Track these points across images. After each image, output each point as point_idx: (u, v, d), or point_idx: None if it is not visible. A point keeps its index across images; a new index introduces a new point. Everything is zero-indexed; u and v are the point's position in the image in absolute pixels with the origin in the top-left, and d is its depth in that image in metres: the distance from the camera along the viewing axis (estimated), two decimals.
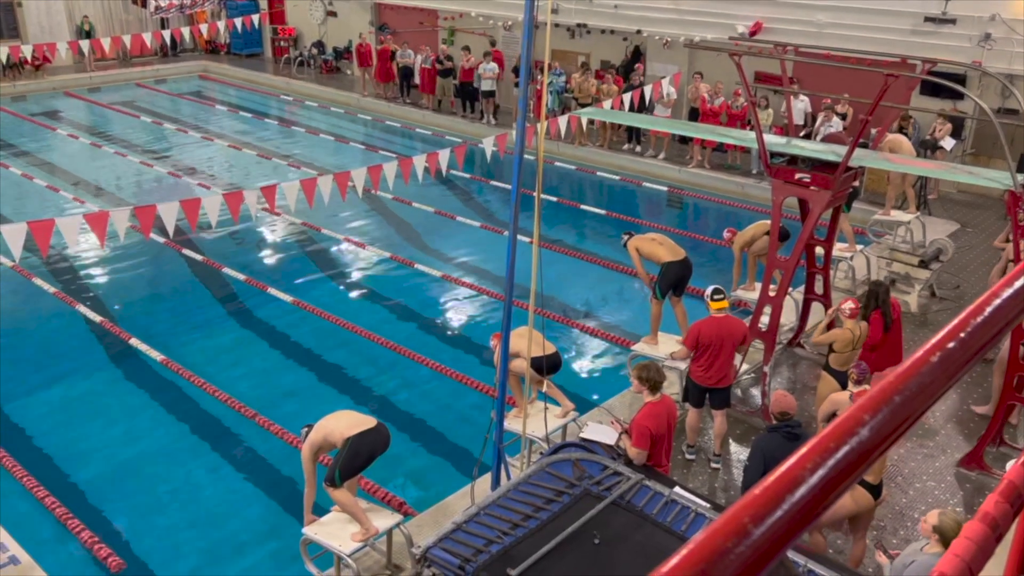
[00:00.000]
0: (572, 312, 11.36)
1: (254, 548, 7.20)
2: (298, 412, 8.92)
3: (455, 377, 9.64)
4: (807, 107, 16.41)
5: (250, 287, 12.10)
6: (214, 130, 21.05)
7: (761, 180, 15.62)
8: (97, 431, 8.68)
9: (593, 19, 19.67)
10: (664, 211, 16.47)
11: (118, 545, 7.00)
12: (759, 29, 16.93)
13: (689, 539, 0.73)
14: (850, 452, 0.83)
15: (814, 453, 0.81)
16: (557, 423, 7.55)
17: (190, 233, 13.24)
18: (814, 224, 8.46)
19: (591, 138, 18.99)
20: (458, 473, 7.92)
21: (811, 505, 0.78)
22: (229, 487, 7.97)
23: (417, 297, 11.92)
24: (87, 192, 16.32)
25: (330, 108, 23.16)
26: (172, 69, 27.21)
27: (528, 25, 5.50)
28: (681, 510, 5.30)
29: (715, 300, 7.83)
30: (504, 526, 5.18)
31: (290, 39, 27.40)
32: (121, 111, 22.68)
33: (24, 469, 7.82)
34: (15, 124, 21.14)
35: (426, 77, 21.57)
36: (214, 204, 9.35)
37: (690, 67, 18.24)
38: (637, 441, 6.11)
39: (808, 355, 9.91)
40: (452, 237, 14.23)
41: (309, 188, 10.08)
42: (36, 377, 9.72)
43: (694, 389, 7.91)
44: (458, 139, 18.58)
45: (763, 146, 8.39)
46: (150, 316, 11.28)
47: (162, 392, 9.42)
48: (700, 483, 7.68)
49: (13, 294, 11.88)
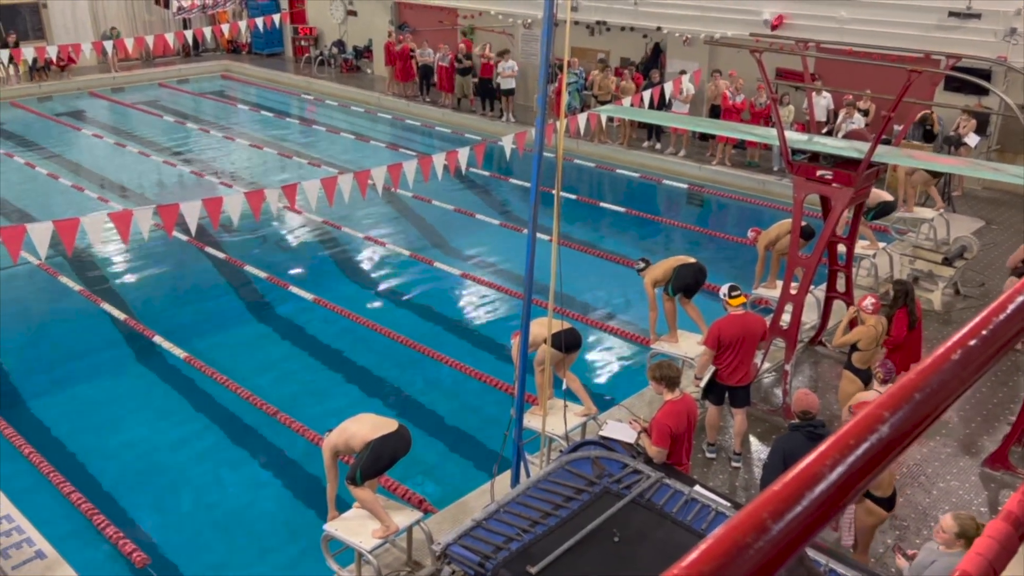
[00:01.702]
0: (591, 310, 11.34)
1: (275, 544, 7.26)
2: (319, 409, 8.99)
3: (474, 375, 9.66)
4: (829, 104, 16.28)
5: (271, 285, 12.19)
6: (236, 129, 21.20)
7: (782, 177, 15.53)
8: (121, 428, 8.78)
9: (613, 16, 19.62)
10: (684, 208, 16.41)
11: (142, 541, 7.08)
12: (781, 23, 16.81)
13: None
14: (870, 449, 0.83)
15: (834, 450, 0.82)
16: (576, 421, 7.55)
17: (212, 232, 13.35)
18: (836, 221, 8.40)
19: (610, 136, 18.95)
20: (478, 470, 7.95)
21: (830, 502, 0.78)
22: (251, 484, 8.04)
23: (436, 295, 11.96)
24: (111, 191, 16.49)
25: (350, 107, 23.26)
26: (194, 69, 27.42)
27: (547, 23, 5.50)
28: (701, 509, 5.28)
29: (733, 297, 7.78)
30: (524, 523, 5.19)
31: (311, 38, 27.53)
32: (144, 111, 22.90)
33: (50, 465, 7.92)
34: (41, 124, 21.41)
35: (445, 75, 21.61)
36: (236, 203, 9.42)
37: (710, 64, 18.14)
38: (657, 439, 6.10)
39: (830, 353, 9.83)
40: (471, 235, 14.25)
41: (330, 187, 10.13)
42: (61, 374, 9.84)
43: (715, 387, 7.87)
44: (477, 137, 18.58)
45: (784, 143, 8.34)
46: (173, 314, 11.39)
47: (185, 389, 9.51)
48: (720, 482, 7.66)
49: (39, 292, 12.04)
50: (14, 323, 11.18)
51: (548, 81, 5.83)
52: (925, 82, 10.64)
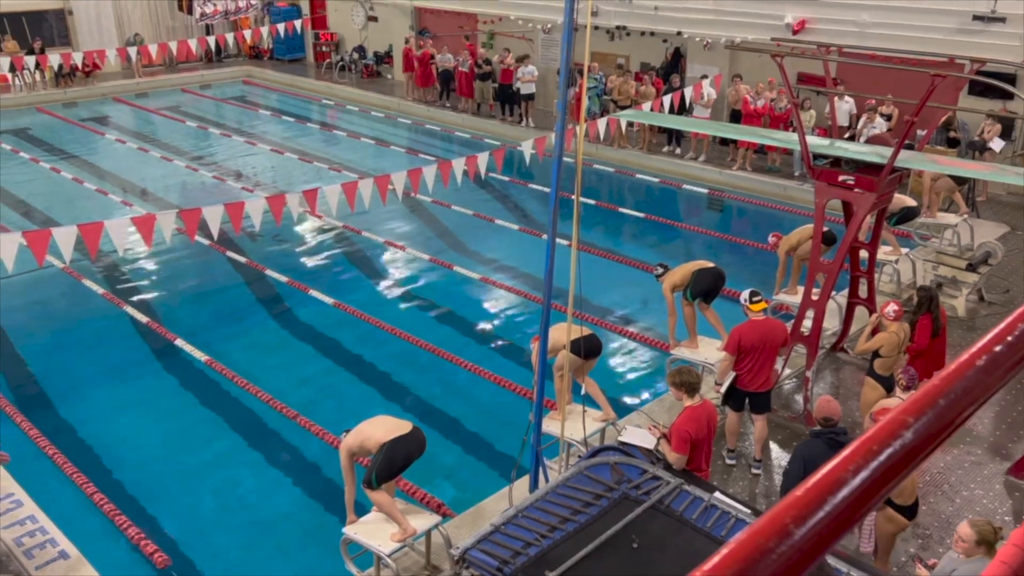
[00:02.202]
0: (611, 315, 11.32)
1: (295, 547, 7.29)
2: (338, 413, 9.02)
3: (493, 379, 9.66)
4: (852, 108, 16.17)
5: (292, 289, 12.26)
6: (257, 134, 21.37)
7: (804, 182, 15.43)
8: (143, 429, 8.86)
9: (633, 21, 19.60)
10: (704, 213, 16.34)
11: (163, 542, 7.14)
12: (803, 27, 16.73)
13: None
14: (893, 455, 0.82)
15: (857, 455, 0.81)
16: (595, 426, 7.53)
17: (234, 236, 13.45)
18: (858, 227, 8.34)
19: (630, 140, 18.92)
20: (496, 475, 7.94)
21: (853, 507, 0.78)
22: (271, 486, 8.08)
23: (456, 299, 11.98)
24: (134, 196, 16.67)
25: (371, 112, 23.38)
26: (216, 74, 27.67)
27: (568, 28, 5.51)
28: (721, 515, 5.25)
29: (754, 303, 7.74)
30: (542, 529, 5.18)
31: (332, 44, 27.71)
32: (167, 116, 23.13)
33: (74, 466, 8.01)
34: (66, 129, 21.68)
35: (464, 81, 21.67)
36: (257, 207, 9.49)
37: (731, 69, 18.08)
38: (676, 446, 6.07)
39: (852, 360, 9.75)
40: (490, 240, 14.27)
41: (350, 191, 10.19)
42: (85, 376, 9.95)
43: (735, 393, 7.83)
44: (497, 142, 18.63)
45: (805, 147, 8.29)
46: (195, 317, 11.49)
47: (206, 392, 9.59)
48: (740, 488, 7.61)
49: (63, 295, 12.19)
50: (39, 325, 11.32)
51: (568, 86, 5.83)
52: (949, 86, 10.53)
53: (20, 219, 14.97)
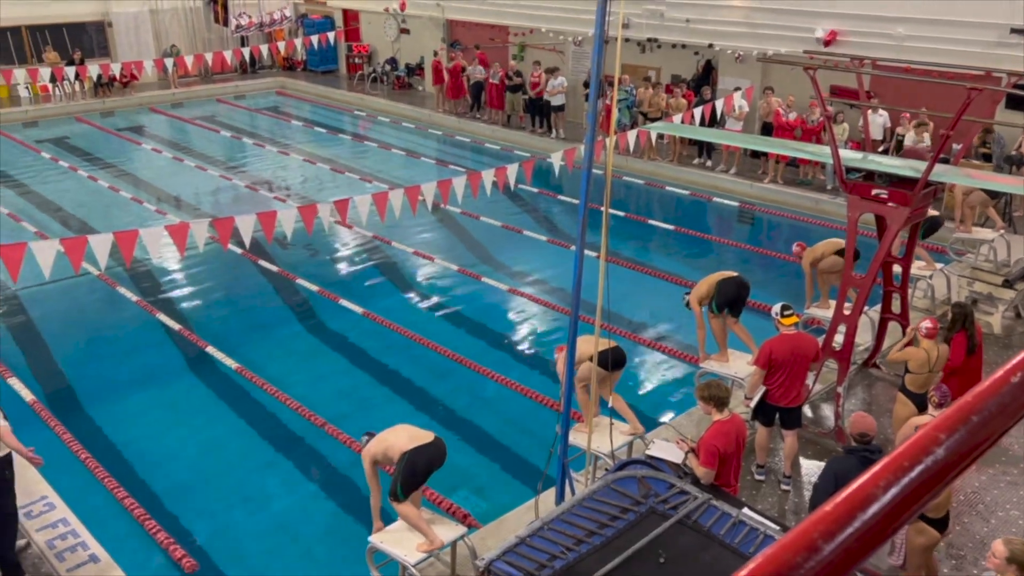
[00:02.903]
0: (639, 328, 11.27)
1: (321, 554, 7.32)
2: (366, 422, 9.04)
3: (521, 391, 9.65)
4: (886, 122, 16.00)
5: (322, 298, 12.36)
6: (290, 145, 21.61)
7: (836, 196, 15.29)
8: (174, 434, 8.96)
9: (664, 34, 19.58)
10: (735, 227, 16.24)
11: (191, 546, 7.20)
12: (834, 38, 16.61)
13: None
14: (924, 472, 0.81)
15: (887, 471, 0.80)
16: (623, 440, 7.49)
17: (266, 244, 13.60)
18: (891, 241, 8.24)
19: (661, 153, 18.87)
20: (522, 486, 7.92)
21: (883, 524, 0.76)
22: (298, 493, 8.13)
23: (484, 310, 12.00)
24: (168, 204, 16.91)
25: (402, 123, 23.55)
26: (251, 85, 28.06)
27: (598, 40, 5.52)
28: (749, 531, 5.19)
29: (785, 316, 7.66)
30: (568, 541, 5.15)
31: (364, 56, 27.99)
32: (202, 126, 23.47)
33: (105, 470, 8.12)
34: (104, 139, 22.08)
35: (495, 92, 21.77)
36: (289, 217, 9.59)
37: (763, 81, 17.98)
38: (705, 460, 6.02)
39: (884, 376, 9.62)
40: (519, 251, 14.29)
41: (381, 202, 10.26)
42: (117, 381, 10.09)
43: (765, 408, 7.75)
44: (527, 154, 18.67)
45: (838, 161, 8.22)
46: (226, 324, 11.61)
47: (236, 399, 9.68)
48: (769, 505, 7.52)
49: (98, 302, 12.38)
50: (74, 331, 11.51)
51: (598, 98, 5.83)
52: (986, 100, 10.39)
53: (58, 226, 15.26)
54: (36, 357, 10.80)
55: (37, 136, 22.00)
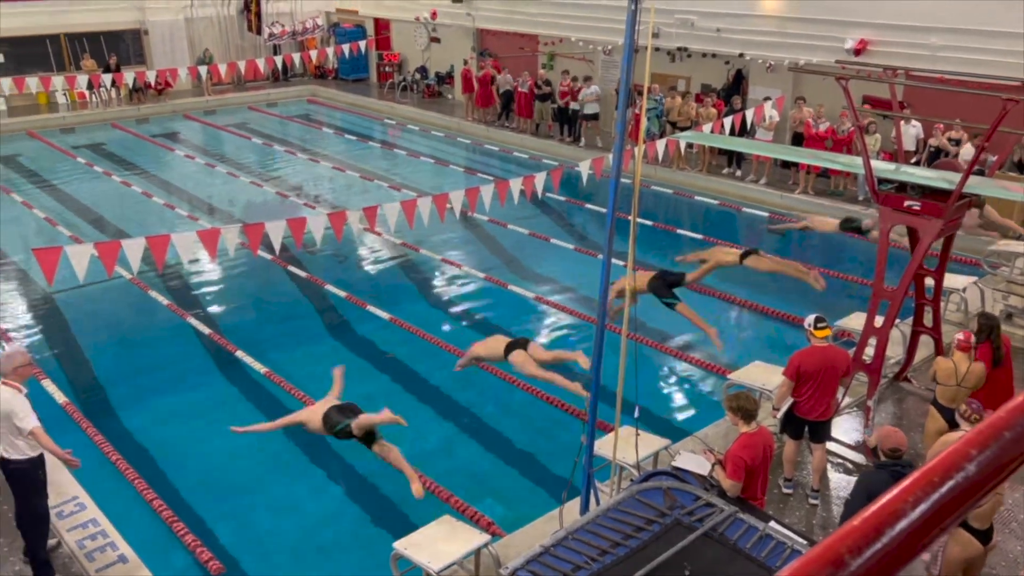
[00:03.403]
0: (666, 338, 11.21)
1: (346, 559, 7.35)
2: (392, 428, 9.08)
3: (546, 399, 9.64)
4: (919, 132, 15.81)
5: (350, 304, 12.44)
6: (320, 152, 21.80)
7: (868, 207, 15.12)
8: (202, 438, 9.04)
9: (695, 43, 19.52)
10: (764, 237, 16.10)
11: (218, 549, 7.26)
12: (864, 47, 16.46)
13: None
14: (955, 487, 0.80)
15: (917, 487, 0.79)
16: (648, 450, 7.45)
17: (295, 251, 13.72)
18: (924, 253, 8.14)
19: (690, 162, 18.79)
20: (547, 496, 7.90)
21: (912, 540, 0.75)
22: (324, 498, 8.17)
23: (510, 318, 12.00)
24: (200, 210, 17.12)
25: (431, 131, 23.68)
26: (282, 93, 28.36)
27: (628, 49, 5.51)
28: (776, 545, 5.13)
29: (819, 328, 7.55)
30: (592, 552, 5.12)
31: (394, 64, 28.19)
32: (234, 133, 23.76)
33: (135, 472, 8.22)
34: (138, 145, 22.43)
35: (524, 101, 21.82)
36: (319, 223, 9.67)
37: (794, 91, 17.86)
38: (732, 473, 5.97)
39: (916, 390, 9.49)
40: (546, 259, 14.28)
41: (409, 209, 10.31)
42: (148, 384, 10.21)
43: (794, 421, 7.66)
44: (555, 162, 18.68)
45: (870, 172, 8.13)
46: (255, 329, 11.72)
47: (265, 403, 9.75)
48: (797, 519, 7.44)
49: (130, 306, 12.55)
50: (106, 334, 11.68)
51: (627, 107, 5.82)
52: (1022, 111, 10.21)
53: (92, 230, 15.51)
54: (69, 359, 10.97)
55: (74, 142, 22.40)
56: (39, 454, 6.53)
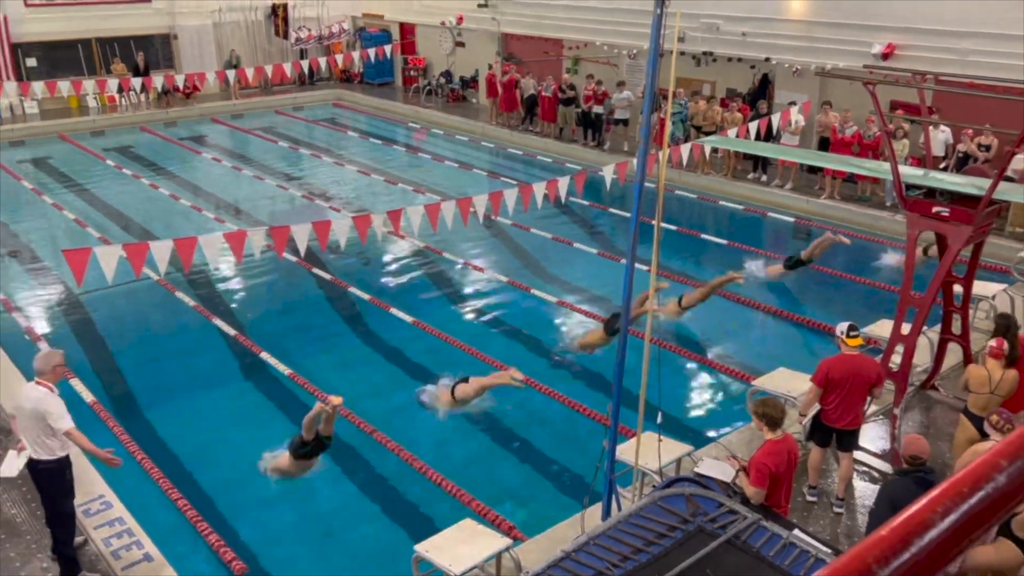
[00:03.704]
0: (689, 344, 11.15)
1: (367, 560, 7.37)
2: (413, 429, 9.13)
3: (568, 404, 9.62)
4: (947, 138, 15.63)
5: (374, 306, 12.49)
6: (345, 156, 21.93)
7: (895, 213, 14.97)
8: (226, 438, 9.11)
9: (720, 47, 19.43)
10: (790, 242, 15.99)
11: (241, 549, 7.31)
12: (892, 51, 16.30)
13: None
14: (985, 498, 0.79)
15: (945, 497, 0.78)
16: (671, 456, 7.41)
17: (320, 253, 13.80)
18: (952, 260, 8.03)
19: (715, 167, 18.70)
20: (569, 500, 7.89)
21: (940, 550, 0.74)
22: (346, 500, 8.20)
23: (533, 322, 11.99)
24: (227, 212, 17.28)
25: (455, 136, 23.74)
26: (308, 97, 28.57)
27: (653, 54, 5.50)
28: (800, 554, 5.08)
29: (851, 337, 7.43)
30: (614, 558, 5.10)
31: (419, 69, 28.31)
32: (261, 136, 23.96)
33: (160, 471, 8.30)
34: (166, 148, 22.69)
35: (548, 106, 21.83)
36: (343, 226, 9.73)
37: (821, 96, 17.72)
38: (755, 480, 5.92)
39: (944, 399, 9.36)
40: (569, 264, 14.26)
41: (433, 213, 10.35)
42: (174, 383, 10.31)
43: (821, 428, 7.58)
44: (578, 166, 18.67)
45: (898, 177, 8.05)
46: (280, 331, 11.80)
47: (288, 404, 9.81)
48: (821, 527, 7.36)
49: (156, 307, 12.69)
50: (133, 334, 11.81)
51: (652, 111, 5.81)
52: None
53: (120, 232, 15.70)
54: (97, 358, 11.10)
55: (103, 145, 22.70)
56: (67, 455, 6.61)
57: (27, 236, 15.76)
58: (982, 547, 5.84)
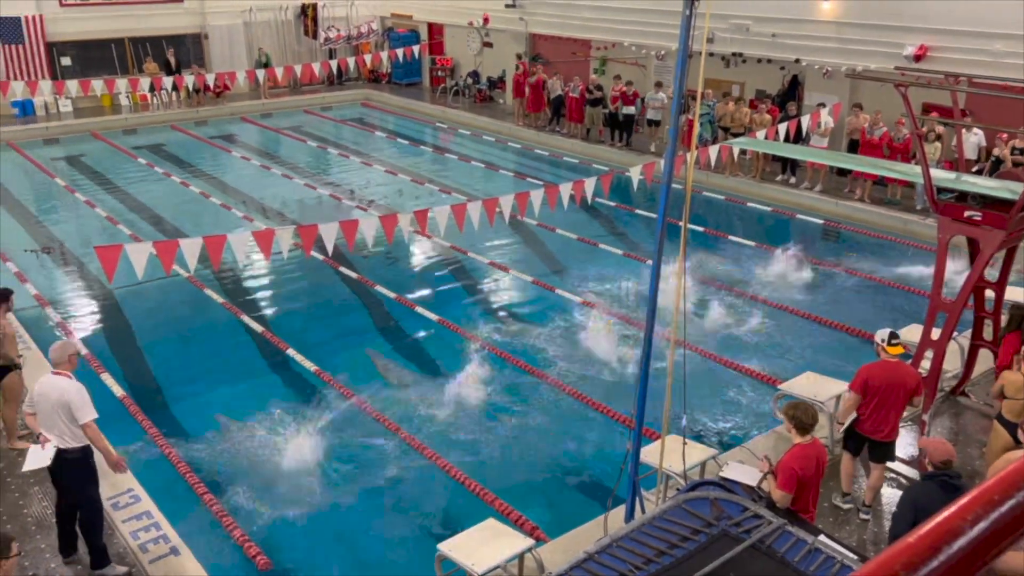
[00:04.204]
0: (716, 346, 11.08)
1: (390, 559, 7.41)
2: (437, 428, 9.15)
3: (593, 405, 9.60)
4: (980, 141, 15.41)
5: (399, 305, 12.55)
6: (373, 155, 22.04)
7: (926, 217, 14.78)
8: (252, 434, 9.18)
9: (750, 48, 19.29)
10: (818, 245, 15.83)
11: (266, 545, 7.37)
12: (924, 53, 16.09)
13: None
14: (1016, 506, 0.78)
15: (976, 504, 0.77)
16: (695, 459, 7.37)
17: (347, 252, 13.89)
18: (984, 265, 7.92)
19: (743, 169, 18.57)
20: (592, 502, 7.88)
21: (969, 559, 0.74)
22: (370, 497, 8.23)
23: (557, 322, 11.97)
24: (255, 211, 17.44)
25: (482, 136, 23.78)
26: (337, 97, 28.74)
27: (682, 55, 5.48)
28: (825, 560, 5.04)
29: (892, 345, 7.27)
30: (637, 560, 5.09)
31: (447, 69, 28.38)
32: (289, 136, 24.15)
33: (187, 466, 8.40)
34: (196, 146, 22.94)
35: (575, 106, 21.80)
36: (370, 226, 9.78)
37: (851, 97, 17.53)
38: (783, 483, 5.88)
39: (974, 405, 9.23)
40: (594, 264, 14.23)
41: (459, 213, 10.38)
42: (202, 379, 10.43)
43: (855, 437, 7.44)
44: (605, 167, 18.62)
45: (929, 181, 7.95)
46: (306, 328, 11.89)
47: (314, 401, 9.87)
48: (847, 533, 7.29)
49: (186, 303, 12.84)
50: (163, 330, 11.96)
51: (680, 112, 5.78)
52: None
53: (151, 229, 15.90)
54: (127, 354, 11.25)
55: (135, 143, 23.00)
56: (87, 443, 6.71)
57: (60, 233, 16.01)
58: (1013, 552, 5.74)
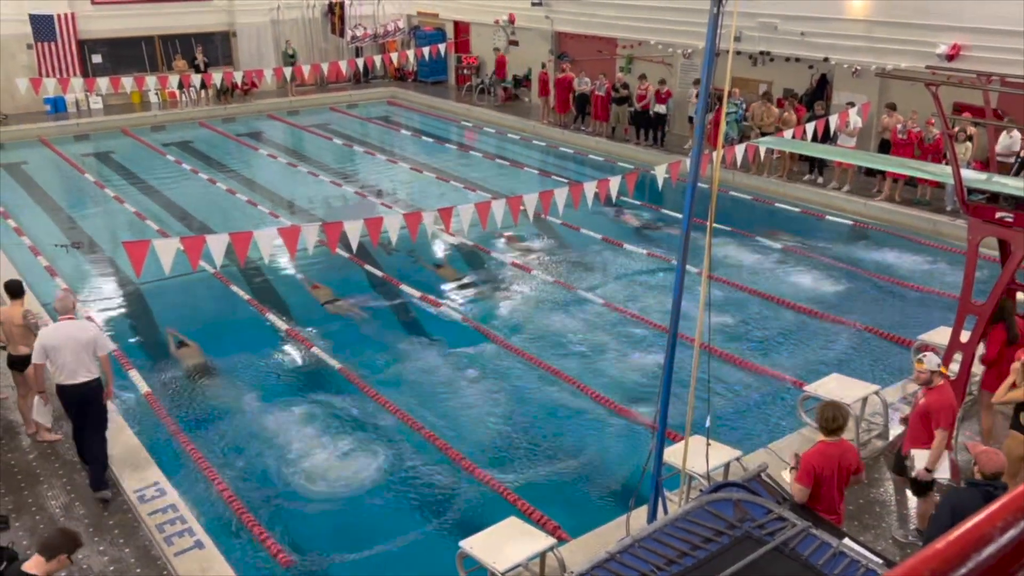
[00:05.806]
0: (740, 348, 11.00)
1: (412, 557, 7.43)
2: (457, 426, 9.17)
3: (614, 407, 9.57)
4: (1014, 142, 15.15)
5: (423, 303, 12.58)
6: (398, 153, 22.12)
7: (956, 218, 14.57)
8: (275, 432, 9.25)
9: (777, 47, 19.12)
10: (846, 246, 15.67)
11: (287, 542, 7.43)
12: (957, 52, 15.86)
13: None
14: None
15: (1006, 511, 0.75)
16: (719, 461, 7.32)
17: (371, 249, 13.94)
18: (1016, 267, 7.79)
19: (770, 168, 18.41)
20: (614, 503, 7.85)
21: (999, 567, 0.72)
22: (393, 495, 8.27)
23: (580, 323, 11.95)
24: (281, 207, 17.56)
25: (507, 134, 23.77)
26: (363, 95, 28.86)
27: (709, 53, 5.43)
28: (850, 563, 4.98)
29: (919, 361, 7.04)
30: (659, 561, 5.06)
31: (473, 67, 28.41)
32: (316, 133, 24.29)
33: (208, 462, 8.47)
34: (224, 143, 23.14)
35: (601, 104, 21.73)
36: (395, 223, 9.82)
37: (880, 97, 17.32)
38: (800, 476, 5.84)
39: (1002, 409, 9.08)
40: (618, 264, 14.18)
41: (483, 211, 10.38)
42: (227, 376, 10.50)
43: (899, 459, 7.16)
44: (630, 166, 18.55)
45: (959, 181, 7.84)
46: (330, 326, 11.94)
47: (337, 398, 9.93)
48: (872, 537, 7.20)
49: (212, 299, 12.96)
50: (188, 325, 12.06)
51: (706, 111, 5.74)
52: None
53: (178, 225, 16.07)
54: (153, 349, 11.38)
55: (163, 139, 23.25)
56: (97, 376, 7.70)
57: (89, 228, 16.22)
58: None
